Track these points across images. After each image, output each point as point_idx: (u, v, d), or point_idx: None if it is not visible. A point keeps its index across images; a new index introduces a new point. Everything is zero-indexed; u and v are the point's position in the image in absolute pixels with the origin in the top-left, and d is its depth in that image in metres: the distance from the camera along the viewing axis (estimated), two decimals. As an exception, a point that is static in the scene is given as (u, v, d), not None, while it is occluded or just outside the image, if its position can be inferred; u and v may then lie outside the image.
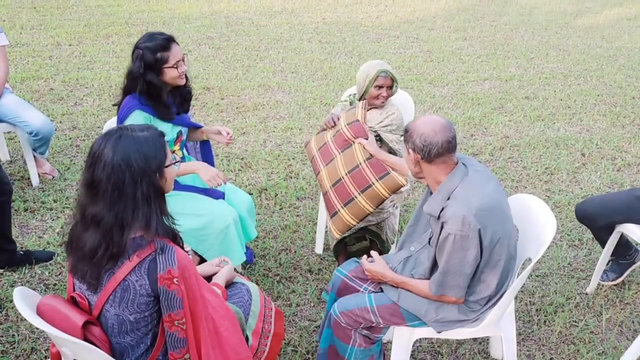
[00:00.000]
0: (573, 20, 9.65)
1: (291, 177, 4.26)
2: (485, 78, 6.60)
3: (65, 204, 3.76)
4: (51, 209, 3.70)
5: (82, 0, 9.41)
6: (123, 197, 1.67)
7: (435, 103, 5.76)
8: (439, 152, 2.08)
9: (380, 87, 3.03)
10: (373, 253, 2.40)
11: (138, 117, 2.63)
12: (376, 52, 7.45)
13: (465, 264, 2.07)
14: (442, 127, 2.08)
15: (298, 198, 4.00)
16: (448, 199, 2.09)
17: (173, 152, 2.85)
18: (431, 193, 2.26)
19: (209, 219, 2.71)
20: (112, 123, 3.09)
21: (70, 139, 4.65)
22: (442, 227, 2.08)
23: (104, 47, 7.05)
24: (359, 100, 3.12)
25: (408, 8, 10.16)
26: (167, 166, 1.77)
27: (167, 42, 2.59)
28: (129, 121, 2.62)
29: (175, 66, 2.62)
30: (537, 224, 2.32)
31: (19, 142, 4.13)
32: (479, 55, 7.51)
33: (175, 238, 1.80)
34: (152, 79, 2.60)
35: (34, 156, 3.93)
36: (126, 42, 7.23)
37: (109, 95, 5.53)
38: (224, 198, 2.89)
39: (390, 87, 3.03)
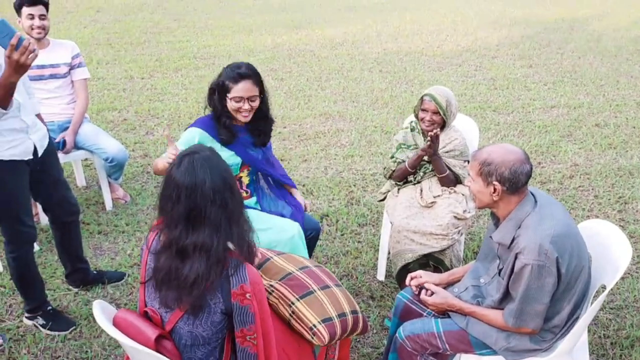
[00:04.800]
0: (645, 46, 9.30)
1: (352, 204, 4.27)
2: (553, 105, 6.43)
3: (137, 227, 3.92)
4: (123, 232, 3.86)
5: (153, 36, 9.94)
6: (226, 215, 1.73)
7: (500, 130, 5.65)
8: (525, 182, 2.06)
9: (425, 110, 3.06)
10: (429, 286, 2.32)
11: (193, 134, 2.72)
12: (437, 80, 7.43)
13: (544, 294, 2.00)
14: (525, 156, 2.07)
15: (359, 224, 3.99)
16: (519, 227, 2.05)
17: (239, 177, 2.92)
18: (495, 223, 2.21)
19: (275, 231, 2.75)
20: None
21: (141, 166, 4.86)
22: (515, 258, 2.02)
23: (174, 79, 7.38)
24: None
25: (470, 37, 10.11)
26: None
27: (239, 76, 2.66)
28: (183, 136, 2.73)
29: (234, 100, 2.67)
30: (611, 250, 2.22)
31: (95, 169, 4.36)
32: (545, 82, 7.34)
33: (249, 254, 1.83)
34: (215, 100, 2.73)
35: (109, 182, 4.14)
36: (194, 75, 7.54)
37: (178, 125, 5.76)
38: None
39: (436, 113, 3.03)
